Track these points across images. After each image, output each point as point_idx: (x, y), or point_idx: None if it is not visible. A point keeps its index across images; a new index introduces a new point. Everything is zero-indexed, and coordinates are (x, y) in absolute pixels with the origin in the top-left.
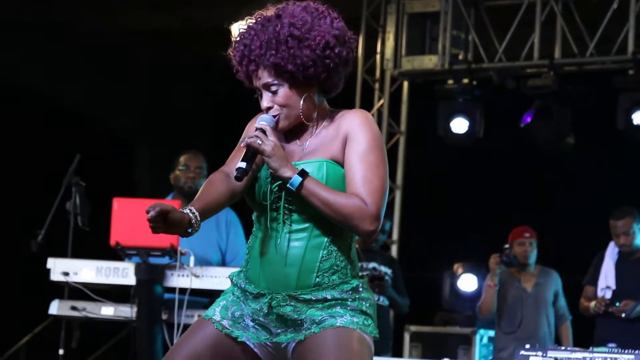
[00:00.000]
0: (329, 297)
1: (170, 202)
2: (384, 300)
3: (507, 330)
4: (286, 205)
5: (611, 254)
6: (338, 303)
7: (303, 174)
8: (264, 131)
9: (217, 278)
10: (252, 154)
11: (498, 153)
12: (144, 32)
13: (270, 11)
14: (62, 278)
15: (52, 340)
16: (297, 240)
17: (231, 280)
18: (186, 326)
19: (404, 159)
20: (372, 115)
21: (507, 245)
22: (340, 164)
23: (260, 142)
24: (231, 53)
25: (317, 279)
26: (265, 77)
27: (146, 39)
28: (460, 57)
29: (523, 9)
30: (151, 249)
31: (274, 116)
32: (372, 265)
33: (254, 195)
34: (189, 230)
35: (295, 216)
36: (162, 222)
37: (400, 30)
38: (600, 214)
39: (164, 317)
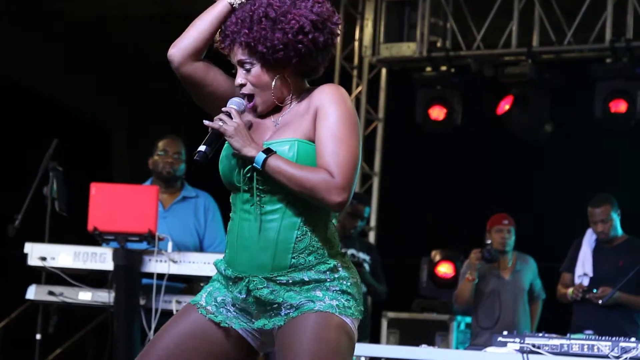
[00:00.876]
0: (306, 278)
1: (148, 187)
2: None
3: (485, 326)
4: (258, 186)
5: (589, 241)
6: (317, 286)
7: (268, 151)
8: (229, 114)
9: (194, 263)
10: (215, 136)
11: (476, 140)
12: (122, 18)
13: None
14: (39, 263)
15: (29, 326)
16: (270, 222)
17: (216, 267)
18: (164, 312)
19: (382, 146)
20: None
21: (488, 241)
22: (313, 140)
23: (221, 124)
24: None
25: (293, 260)
26: (239, 54)
27: (124, 24)
28: (439, 44)
29: None
30: (129, 234)
31: (247, 96)
32: (350, 251)
33: (227, 176)
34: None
35: (267, 197)
36: None
37: (378, 17)
38: (578, 202)
39: (142, 302)
